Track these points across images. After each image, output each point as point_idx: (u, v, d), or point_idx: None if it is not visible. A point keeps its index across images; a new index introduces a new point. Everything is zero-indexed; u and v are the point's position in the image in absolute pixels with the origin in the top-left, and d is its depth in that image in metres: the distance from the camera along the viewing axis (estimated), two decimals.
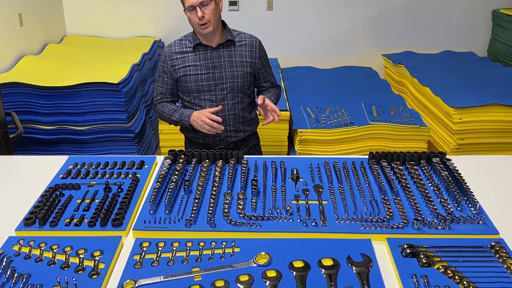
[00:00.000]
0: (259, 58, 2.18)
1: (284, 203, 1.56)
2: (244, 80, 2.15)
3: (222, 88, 2.12)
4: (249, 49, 2.15)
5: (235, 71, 2.12)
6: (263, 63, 2.22)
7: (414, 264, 1.26)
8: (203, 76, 2.11)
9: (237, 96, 2.16)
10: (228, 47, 2.12)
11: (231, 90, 2.13)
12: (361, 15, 4.67)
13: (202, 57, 2.11)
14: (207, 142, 2.22)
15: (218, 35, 2.10)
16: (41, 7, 4.19)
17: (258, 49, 2.17)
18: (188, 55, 2.12)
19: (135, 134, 3.34)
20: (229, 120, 2.17)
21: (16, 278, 1.22)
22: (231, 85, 2.13)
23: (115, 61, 3.78)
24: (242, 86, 2.15)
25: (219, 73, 2.11)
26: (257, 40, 2.20)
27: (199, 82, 2.11)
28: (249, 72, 2.16)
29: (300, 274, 1.23)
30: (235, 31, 2.18)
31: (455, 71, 3.98)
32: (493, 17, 4.63)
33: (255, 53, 2.16)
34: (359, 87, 3.92)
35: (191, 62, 2.12)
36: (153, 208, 1.52)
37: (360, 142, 3.16)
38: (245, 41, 2.16)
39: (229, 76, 2.12)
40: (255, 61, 2.16)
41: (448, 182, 1.63)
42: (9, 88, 3.16)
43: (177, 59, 2.13)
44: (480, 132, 3.17)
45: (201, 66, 2.11)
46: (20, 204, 1.60)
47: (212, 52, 2.11)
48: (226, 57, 2.12)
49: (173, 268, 1.27)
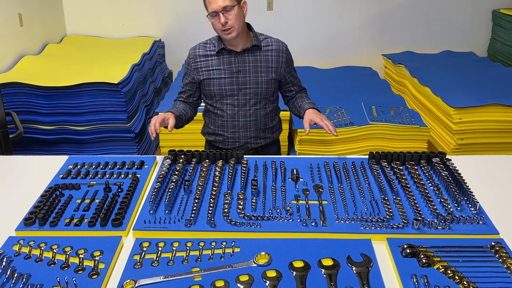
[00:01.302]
0: (286, 63, 2.11)
1: (284, 203, 1.57)
2: (269, 86, 2.08)
3: (245, 93, 2.07)
4: (275, 54, 2.08)
5: (260, 77, 2.06)
6: (289, 68, 2.15)
7: (414, 264, 1.26)
8: (226, 80, 2.05)
9: (260, 102, 2.10)
10: (253, 52, 2.06)
11: (254, 96, 2.07)
12: (361, 15, 4.67)
13: (226, 61, 2.05)
14: (226, 147, 2.16)
15: (243, 40, 2.04)
16: (41, 7, 4.19)
17: (285, 54, 2.11)
18: (212, 58, 2.07)
19: (135, 134, 3.34)
20: (250, 126, 2.12)
21: (16, 278, 1.22)
22: (254, 90, 2.07)
23: (115, 61, 3.78)
24: (266, 92, 2.09)
25: (243, 78, 2.05)
26: (284, 44, 2.13)
27: (222, 86, 2.06)
28: (274, 78, 2.09)
29: (300, 274, 1.23)
30: (262, 35, 2.11)
31: (455, 71, 3.98)
32: (493, 17, 4.63)
33: (282, 58, 2.09)
34: (359, 87, 3.92)
35: (215, 66, 2.06)
36: (153, 208, 1.52)
37: (360, 142, 3.16)
38: (272, 46, 2.09)
39: (253, 81, 2.06)
40: (281, 66, 2.09)
41: (448, 182, 1.63)
42: (9, 88, 3.16)
43: (200, 61, 2.08)
44: (480, 132, 3.17)
45: (224, 70, 2.05)
46: (20, 204, 1.60)
47: (237, 57, 2.05)
48: (251, 62, 2.06)
49: (173, 268, 1.27)
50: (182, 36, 4.69)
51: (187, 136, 3.29)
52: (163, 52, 4.74)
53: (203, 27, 4.84)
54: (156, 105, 4.04)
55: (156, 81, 4.31)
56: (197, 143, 3.21)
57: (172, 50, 4.76)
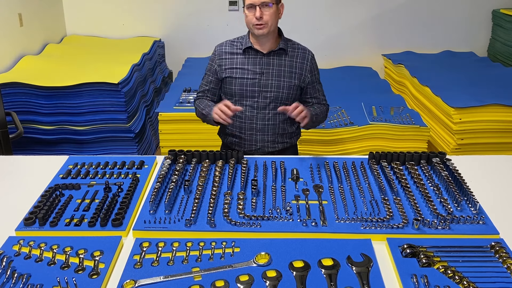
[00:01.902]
0: (310, 72, 2.08)
1: (284, 203, 1.57)
2: (290, 92, 2.06)
3: (265, 96, 2.04)
4: (300, 61, 2.07)
5: (282, 81, 2.04)
6: (313, 78, 2.11)
7: (414, 264, 1.26)
8: (249, 81, 2.04)
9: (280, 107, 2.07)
10: (279, 55, 2.05)
11: (274, 100, 2.05)
12: (361, 15, 4.67)
13: (251, 62, 2.04)
14: (242, 150, 2.12)
15: (271, 41, 2.03)
16: (41, 7, 4.19)
17: (310, 63, 2.08)
18: (238, 57, 2.06)
19: (135, 134, 3.34)
20: (268, 129, 2.09)
21: (16, 278, 1.22)
22: (275, 94, 2.04)
23: (115, 61, 3.78)
24: (287, 97, 2.06)
25: (265, 80, 2.03)
26: (311, 53, 2.11)
27: (243, 86, 2.04)
28: (297, 84, 2.06)
29: (300, 274, 1.23)
30: (290, 41, 2.10)
31: (455, 71, 3.98)
32: (493, 17, 4.63)
33: (306, 65, 2.07)
34: (359, 87, 3.92)
35: (239, 64, 2.05)
36: (153, 208, 1.52)
37: (360, 142, 3.16)
38: (298, 52, 2.08)
39: (275, 85, 2.04)
40: (304, 74, 2.07)
41: (448, 182, 1.63)
42: (9, 88, 3.16)
43: (225, 59, 2.07)
44: (480, 132, 3.17)
45: (248, 70, 2.04)
46: (20, 204, 1.60)
47: (262, 58, 2.04)
48: (275, 65, 2.04)
49: (173, 268, 1.27)
50: (182, 36, 4.69)
51: (187, 136, 3.29)
52: (163, 52, 4.74)
53: (203, 27, 4.86)
54: (156, 105, 4.03)
55: (156, 81, 4.31)
56: (197, 143, 3.21)
57: (172, 50, 4.76)
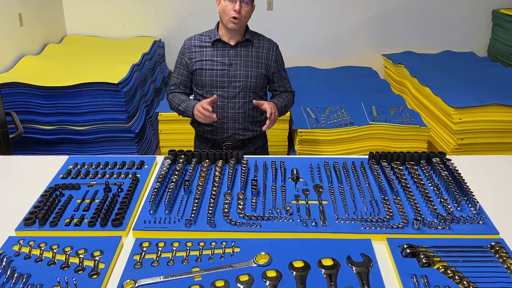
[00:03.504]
0: (275, 62, 2.22)
1: (284, 203, 1.56)
2: (257, 81, 2.18)
3: (234, 86, 2.15)
4: (266, 51, 2.19)
5: (249, 71, 2.15)
6: (278, 68, 2.25)
7: (414, 264, 1.26)
8: (218, 72, 2.14)
9: (249, 96, 2.18)
10: (246, 46, 2.17)
11: (243, 89, 2.16)
12: (361, 15, 4.67)
13: (220, 53, 2.15)
14: (214, 138, 2.24)
15: (238, 34, 2.15)
16: (41, 7, 4.19)
17: (274, 53, 2.22)
18: (207, 49, 2.16)
19: (135, 134, 3.34)
20: (238, 118, 2.20)
21: (16, 278, 1.22)
22: (244, 83, 2.15)
23: (115, 61, 3.78)
24: (255, 86, 2.18)
25: (234, 71, 2.14)
26: (275, 44, 2.25)
27: (213, 77, 2.15)
28: (263, 73, 2.19)
29: (300, 274, 1.23)
30: (256, 34, 2.23)
31: (455, 71, 3.98)
32: (493, 17, 4.63)
33: (271, 56, 2.20)
34: (359, 87, 3.92)
35: (208, 56, 2.15)
36: (153, 208, 1.52)
37: (360, 142, 3.16)
38: (263, 43, 2.20)
39: (243, 75, 2.15)
40: (270, 64, 2.20)
41: (448, 182, 1.63)
42: (9, 88, 3.16)
43: (195, 52, 2.17)
44: (480, 132, 3.17)
45: (217, 62, 2.14)
46: (20, 204, 1.60)
47: (230, 50, 2.15)
48: (243, 56, 2.15)
49: (173, 268, 1.27)
50: (182, 36, 4.63)
51: (187, 136, 3.29)
52: (163, 52, 4.74)
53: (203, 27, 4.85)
54: (156, 105, 4.04)
55: (156, 81, 4.31)
56: None
57: (172, 50, 4.76)
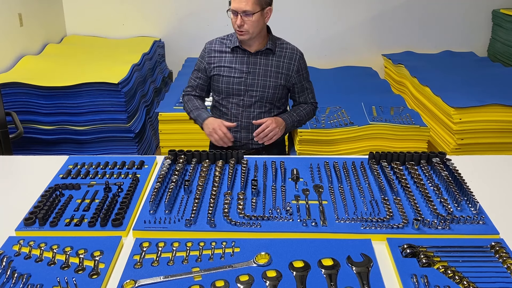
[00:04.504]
0: (296, 72, 2.12)
1: (284, 203, 1.56)
2: (276, 92, 2.09)
3: (251, 96, 2.09)
4: (287, 61, 2.09)
5: (268, 81, 2.07)
6: (300, 78, 2.15)
7: (414, 264, 1.26)
8: (235, 80, 2.08)
9: (265, 106, 2.11)
10: (266, 55, 2.08)
11: (260, 99, 2.09)
12: (361, 15, 4.67)
13: (239, 60, 2.08)
14: (227, 147, 2.11)
15: (258, 42, 2.06)
16: (41, 7, 4.19)
17: (297, 63, 2.11)
18: (226, 55, 2.10)
19: (135, 134, 3.34)
20: (252, 127, 2.11)
21: (16, 278, 1.22)
22: (261, 93, 2.08)
23: (115, 61, 3.78)
24: (272, 97, 2.10)
25: (252, 80, 2.07)
26: (299, 53, 2.13)
27: (230, 84, 2.09)
28: (283, 84, 2.10)
29: (300, 274, 1.23)
30: (279, 40, 2.12)
31: (455, 71, 3.98)
32: (493, 17, 4.63)
33: (293, 66, 2.10)
34: (359, 87, 3.92)
35: (227, 63, 2.09)
36: (153, 208, 1.52)
37: (360, 142, 3.16)
38: (286, 52, 2.10)
39: (261, 85, 2.07)
40: (291, 74, 2.10)
41: (448, 182, 1.63)
42: (9, 88, 3.16)
43: (214, 57, 2.12)
44: (480, 132, 3.17)
45: (235, 69, 2.08)
46: (20, 204, 1.60)
47: (249, 58, 2.07)
48: (262, 65, 2.07)
49: (173, 268, 1.27)
50: (182, 36, 4.69)
51: (187, 136, 3.29)
52: (163, 52, 4.74)
53: (203, 27, 4.86)
54: (156, 105, 4.04)
55: (156, 81, 4.31)
56: (197, 143, 3.21)
57: (172, 50, 4.76)
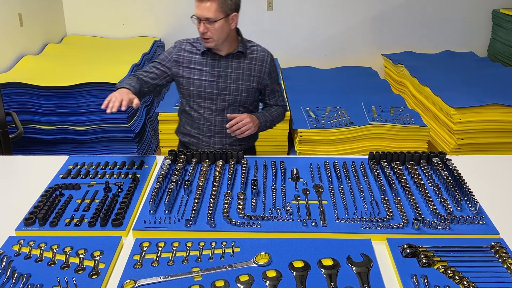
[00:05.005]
0: (268, 74, 2.06)
1: (284, 203, 1.57)
2: (248, 95, 2.05)
3: (223, 99, 2.03)
4: (259, 63, 2.04)
5: (240, 84, 2.02)
6: (271, 80, 2.09)
7: (414, 264, 1.26)
8: (207, 83, 2.01)
9: (238, 110, 2.06)
10: (238, 58, 2.02)
11: (232, 103, 2.04)
12: (361, 15, 4.67)
13: (209, 63, 2.01)
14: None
15: (227, 46, 2.00)
16: (41, 7, 4.19)
17: (268, 65, 2.06)
18: (196, 57, 2.03)
19: (135, 134, 3.34)
20: (226, 132, 2.04)
21: (16, 278, 1.22)
22: (233, 97, 2.03)
23: (115, 61, 3.78)
24: (245, 100, 2.05)
25: (223, 83, 2.01)
26: (269, 55, 2.08)
27: (201, 88, 2.02)
28: (255, 87, 2.05)
29: (300, 274, 1.23)
30: (250, 42, 2.08)
31: (455, 71, 3.98)
32: (493, 17, 4.63)
33: (265, 68, 2.05)
34: (359, 87, 3.92)
35: (197, 65, 2.02)
36: (153, 208, 1.52)
37: (360, 142, 3.16)
38: (256, 55, 2.04)
39: (233, 88, 2.02)
40: (263, 77, 2.05)
41: (448, 182, 1.63)
42: (9, 88, 3.16)
43: (184, 56, 2.04)
44: (480, 132, 3.17)
45: (206, 72, 2.01)
46: (20, 204, 1.60)
47: (220, 61, 2.01)
48: (233, 68, 2.01)
49: (173, 268, 1.27)
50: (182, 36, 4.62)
51: None
52: None
53: None
54: (156, 105, 4.03)
55: None
56: None
57: None
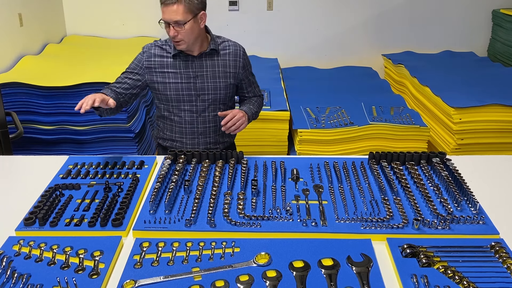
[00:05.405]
0: (243, 68, 2.05)
1: (284, 203, 1.57)
2: (227, 92, 2.03)
3: (203, 100, 2.00)
4: (233, 59, 2.02)
5: (218, 82, 2.00)
6: (247, 73, 2.09)
7: (414, 264, 1.26)
8: (184, 86, 1.98)
9: (219, 108, 2.04)
10: (211, 56, 1.99)
11: (213, 102, 2.02)
12: (361, 15, 4.67)
13: (183, 65, 1.97)
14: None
15: (198, 45, 1.96)
16: (41, 7, 4.19)
17: (242, 59, 2.04)
18: (168, 60, 1.98)
19: (135, 134, 3.34)
20: (209, 132, 2.07)
21: (16, 278, 1.22)
22: (213, 96, 2.01)
23: (115, 61, 3.78)
24: (225, 97, 2.04)
25: (201, 84, 1.98)
26: (241, 48, 2.07)
27: (179, 91, 1.98)
28: (232, 83, 2.04)
29: (300, 274, 1.23)
30: (219, 38, 2.05)
31: (455, 71, 3.98)
32: (493, 17, 4.63)
33: (239, 62, 2.03)
34: (359, 87, 3.92)
35: (171, 68, 1.97)
36: (153, 208, 1.52)
37: (360, 142, 3.16)
38: (229, 50, 2.02)
39: (212, 87, 2.00)
40: (238, 71, 2.04)
41: (448, 182, 1.63)
42: (9, 88, 3.16)
43: (155, 61, 1.99)
44: (480, 132, 3.17)
45: (181, 75, 1.97)
46: (20, 204, 1.60)
47: (194, 61, 1.97)
48: (209, 67, 1.99)
49: (173, 268, 1.27)
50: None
51: None
52: None
53: None
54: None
55: None
56: None
57: None
